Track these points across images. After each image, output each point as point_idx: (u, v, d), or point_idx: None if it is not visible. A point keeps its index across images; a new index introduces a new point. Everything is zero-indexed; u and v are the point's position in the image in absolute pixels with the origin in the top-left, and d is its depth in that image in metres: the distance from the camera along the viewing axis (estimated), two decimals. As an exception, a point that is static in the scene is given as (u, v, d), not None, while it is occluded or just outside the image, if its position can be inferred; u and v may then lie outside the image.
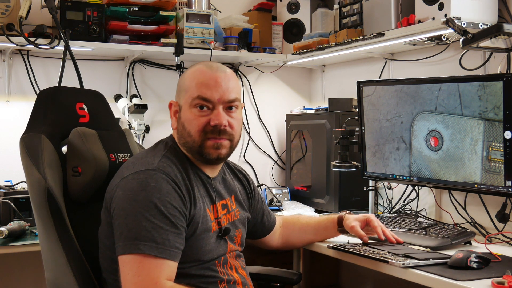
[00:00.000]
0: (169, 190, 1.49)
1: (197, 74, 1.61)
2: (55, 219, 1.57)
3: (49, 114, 1.74)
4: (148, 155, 1.59)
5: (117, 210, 1.48)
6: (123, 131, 1.89)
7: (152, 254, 1.41)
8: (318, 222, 2.04)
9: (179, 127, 1.63)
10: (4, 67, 2.70)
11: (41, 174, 1.58)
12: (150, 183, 1.47)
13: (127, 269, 1.41)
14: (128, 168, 1.55)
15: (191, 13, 2.78)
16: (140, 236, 1.41)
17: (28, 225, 2.27)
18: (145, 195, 1.45)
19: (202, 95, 1.57)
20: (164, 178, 1.50)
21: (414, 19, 2.23)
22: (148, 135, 2.90)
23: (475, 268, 1.62)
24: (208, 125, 1.58)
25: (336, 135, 2.56)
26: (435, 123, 2.16)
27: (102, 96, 1.94)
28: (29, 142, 1.65)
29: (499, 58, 2.21)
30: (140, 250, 1.40)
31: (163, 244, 1.43)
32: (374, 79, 2.80)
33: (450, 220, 2.34)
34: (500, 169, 1.95)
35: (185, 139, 1.61)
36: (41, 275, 1.70)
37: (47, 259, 1.66)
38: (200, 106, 1.58)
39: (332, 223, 2.00)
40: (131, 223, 1.43)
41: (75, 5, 2.57)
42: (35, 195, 1.59)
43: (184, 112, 1.61)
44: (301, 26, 3.15)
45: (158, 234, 1.43)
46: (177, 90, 1.67)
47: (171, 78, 3.07)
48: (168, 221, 1.45)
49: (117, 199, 1.49)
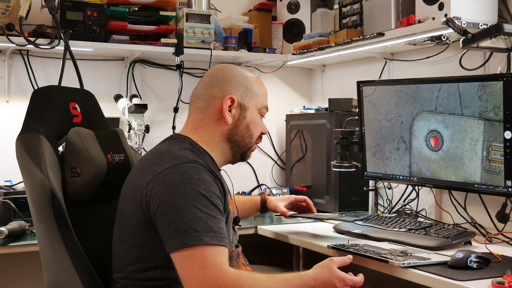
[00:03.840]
0: (210, 180, 1.50)
1: (262, 84, 1.76)
2: (59, 221, 1.53)
3: (46, 114, 1.71)
4: (173, 149, 1.57)
5: (163, 206, 1.45)
6: (116, 131, 1.88)
7: (213, 243, 1.41)
8: (242, 203, 2.15)
9: (241, 126, 1.68)
10: (4, 67, 2.70)
11: (44, 174, 1.55)
12: (193, 175, 1.47)
13: (190, 262, 1.40)
14: (158, 164, 1.52)
15: (191, 13, 2.78)
16: (199, 227, 1.41)
17: (28, 225, 2.27)
18: (192, 187, 1.45)
19: (267, 106, 1.77)
20: (203, 169, 1.51)
21: (414, 19, 2.22)
22: (148, 135, 2.90)
23: (475, 268, 1.62)
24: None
25: (336, 135, 2.56)
26: (435, 123, 2.16)
27: (93, 96, 1.92)
28: (28, 142, 1.61)
29: (499, 58, 2.21)
30: (203, 241, 1.40)
31: (220, 233, 1.44)
32: (374, 79, 2.80)
33: (450, 220, 2.34)
34: (500, 169, 1.95)
35: (242, 138, 1.69)
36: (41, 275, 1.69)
37: (48, 262, 1.63)
38: (262, 115, 1.76)
39: (256, 205, 2.19)
40: (186, 217, 1.42)
41: (75, 5, 2.57)
42: (37, 197, 1.55)
43: (251, 114, 1.70)
44: (301, 26, 3.15)
45: (214, 224, 1.44)
46: (241, 89, 1.69)
47: (171, 78, 3.07)
48: (217, 210, 1.48)
49: (159, 195, 1.46)
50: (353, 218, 2.28)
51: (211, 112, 1.67)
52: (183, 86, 2.98)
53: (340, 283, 1.55)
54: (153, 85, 3.07)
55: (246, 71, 1.75)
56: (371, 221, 2.21)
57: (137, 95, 2.99)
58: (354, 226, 2.20)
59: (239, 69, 1.74)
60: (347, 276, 1.58)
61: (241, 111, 1.68)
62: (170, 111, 3.03)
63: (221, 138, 1.68)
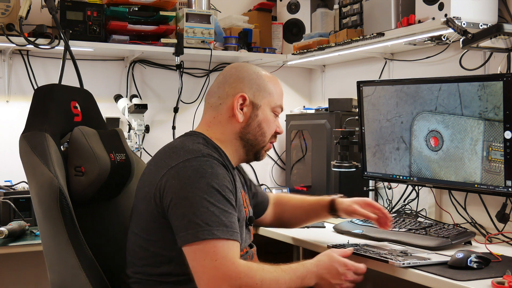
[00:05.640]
0: (223, 174, 1.51)
1: (277, 83, 1.75)
2: (66, 220, 1.53)
3: (49, 112, 1.69)
4: (187, 144, 1.58)
5: (176, 199, 1.46)
6: (116, 131, 1.87)
7: (225, 237, 1.43)
8: (310, 205, 2.06)
9: (253, 124, 1.68)
10: (4, 67, 2.70)
11: (53, 173, 1.54)
12: (206, 170, 1.48)
13: (203, 254, 1.42)
14: (172, 158, 1.53)
15: (191, 13, 2.78)
16: (211, 221, 1.43)
17: (28, 225, 2.27)
18: (205, 182, 1.46)
19: (282, 106, 1.75)
20: (216, 163, 1.52)
21: (414, 19, 2.22)
22: (148, 135, 2.90)
23: (475, 268, 1.62)
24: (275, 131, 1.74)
25: (336, 135, 2.56)
26: (435, 123, 2.16)
27: (92, 95, 1.92)
28: (33, 140, 1.60)
29: (499, 58, 2.21)
30: (215, 235, 1.42)
31: (231, 227, 1.46)
32: (374, 79, 2.80)
33: (450, 220, 2.34)
34: (500, 169, 1.95)
35: (254, 136, 1.68)
36: (41, 275, 1.70)
37: (53, 261, 1.62)
38: (276, 114, 1.73)
39: (324, 207, 2.02)
40: (198, 211, 1.43)
41: (75, 5, 2.57)
42: (44, 195, 1.53)
43: (263, 112, 1.69)
44: (301, 26, 3.15)
45: (226, 218, 1.45)
46: (254, 87, 1.69)
47: (171, 78, 3.07)
48: (230, 204, 1.49)
49: (172, 188, 1.47)
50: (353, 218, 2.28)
51: (223, 110, 1.68)
52: (183, 86, 2.98)
53: (341, 267, 1.60)
54: (153, 85, 3.07)
55: (261, 70, 1.74)
56: (371, 221, 2.21)
57: (137, 95, 2.99)
58: (354, 226, 2.20)
59: (254, 67, 1.74)
60: (349, 261, 1.62)
61: (253, 109, 1.68)
62: (170, 111, 3.03)
63: (234, 136, 1.68)
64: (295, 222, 2.12)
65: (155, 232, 1.52)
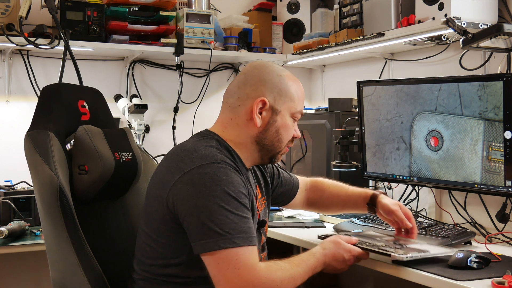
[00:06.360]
0: (238, 181, 1.50)
1: (299, 86, 1.69)
2: (66, 218, 1.53)
3: (54, 111, 1.70)
4: (199, 147, 1.54)
5: (194, 208, 1.44)
6: (124, 130, 1.87)
7: (245, 244, 1.43)
8: (348, 196, 1.99)
9: (271, 129, 1.62)
10: (4, 67, 2.70)
11: (53, 171, 1.55)
12: (221, 177, 1.46)
13: (225, 264, 1.41)
14: (185, 162, 1.49)
15: (191, 13, 2.78)
16: (231, 229, 1.42)
17: (28, 225, 2.27)
18: (221, 189, 1.44)
19: (302, 111, 1.70)
20: (230, 169, 1.50)
21: (414, 19, 2.23)
22: (148, 135, 2.90)
23: (475, 268, 1.61)
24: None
25: (336, 135, 2.56)
26: (435, 123, 2.16)
27: (101, 94, 1.92)
28: (37, 138, 1.61)
29: (499, 58, 2.21)
30: (236, 243, 1.41)
31: (250, 233, 1.45)
32: (374, 79, 2.80)
33: (450, 220, 2.34)
34: (500, 169, 1.95)
35: (271, 142, 1.63)
36: (41, 275, 1.69)
37: (54, 259, 1.63)
38: (295, 119, 1.69)
39: (364, 200, 1.93)
40: (217, 219, 1.42)
41: (75, 5, 2.57)
42: (45, 193, 1.55)
43: (283, 118, 1.64)
44: (301, 26, 3.15)
45: (244, 224, 1.45)
46: (275, 91, 1.62)
47: (171, 78, 3.07)
48: (246, 209, 1.48)
49: (187, 196, 1.45)
50: (353, 218, 2.28)
51: (241, 112, 1.62)
52: (183, 86, 2.98)
53: (347, 253, 1.63)
54: (153, 85, 3.07)
55: (284, 72, 1.66)
56: (370, 221, 2.21)
57: (137, 95, 2.99)
58: (354, 226, 2.20)
59: (277, 69, 1.66)
60: (354, 247, 1.65)
61: (272, 115, 1.62)
62: (170, 111, 3.03)
63: (250, 140, 1.63)
64: (330, 210, 2.11)
65: (165, 235, 1.51)
